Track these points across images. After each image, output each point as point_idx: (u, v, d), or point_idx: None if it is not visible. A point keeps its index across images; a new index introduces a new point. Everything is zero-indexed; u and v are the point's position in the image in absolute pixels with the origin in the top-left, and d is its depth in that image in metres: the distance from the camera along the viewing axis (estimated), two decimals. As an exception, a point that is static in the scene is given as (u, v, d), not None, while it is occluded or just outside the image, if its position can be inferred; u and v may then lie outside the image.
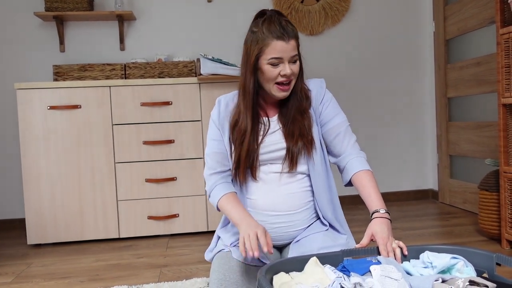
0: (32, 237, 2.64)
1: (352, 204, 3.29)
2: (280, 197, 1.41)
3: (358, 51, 3.46)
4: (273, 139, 1.42)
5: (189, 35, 3.29)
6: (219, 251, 1.44)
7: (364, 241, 1.25)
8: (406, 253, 1.19)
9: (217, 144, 1.46)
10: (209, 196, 1.46)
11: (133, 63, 2.88)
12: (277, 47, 1.32)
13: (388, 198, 3.44)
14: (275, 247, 1.45)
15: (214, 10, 3.30)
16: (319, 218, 1.47)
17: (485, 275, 1.11)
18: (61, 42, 3.14)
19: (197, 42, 3.28)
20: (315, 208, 1.46)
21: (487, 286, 0.95)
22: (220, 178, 1.45)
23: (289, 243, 1.45)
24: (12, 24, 3.13)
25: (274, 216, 1.41)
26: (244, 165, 1.40)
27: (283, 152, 1.41)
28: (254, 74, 1.38)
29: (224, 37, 3.28)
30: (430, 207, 3.26)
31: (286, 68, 1.33)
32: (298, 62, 1.38)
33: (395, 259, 1.17)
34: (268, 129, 1.43)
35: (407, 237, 2.49)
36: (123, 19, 3.16)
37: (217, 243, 1.50)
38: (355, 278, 1.02)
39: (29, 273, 2.18)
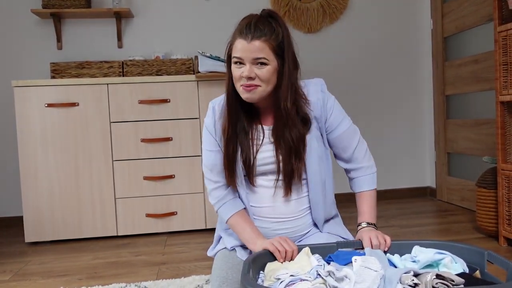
0: (30, 235, 2.64)
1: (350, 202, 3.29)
2: (283, 203, 1.37)
3: (356, 48, 3.45)
4: (267, 152, 1.35)
5: (187, 33, 3.28)
6: (223, 249, 1.42)
7: None
8: (386, 248, 1.23)
9: (214, 155, 1.38)
10: (217, 212, 1.41)
11: (130, 60, 2.87)
12: (238, 46, 1.25)
13: (386, 195, 3.45)
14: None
15: (212, 8, 3.29)
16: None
17: (477, 273, 1.11)
18: (59, 39, 3.13)
19: (195, 40, 3.27)
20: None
21: (453, 281, 0.96)
22: (226, 194, 1.38)
23: None
24: (9, 22, 3.12)
25: (277, 223, 1.38)
26: (232, 172, 1.34)
27: (273, 167, 1.35)
28: (229, 71, 1.32)
29: (222, 35, 3.23)
30: (428, 205, 3.27)
31: (245, 69, 1.23)
32: (268, 68, 1.25)
33: (379, 247, 1.22)
34: (263, 139, 1.35)
35: (405, 234, 2.50)
36: (120, 17, 3.15)
37: (219, 241, 1.49)
38: (329, 266, 1.06)
39: (27, 271, 2.18)
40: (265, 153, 1.35)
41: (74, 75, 2.81)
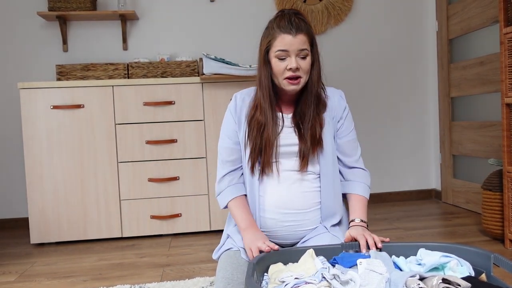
0: (35, 236, 2.65)
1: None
2: (292, 195, 1.42)
3: (361, 50, 3.45)
4: (287, 135, 1.44)
5: (192, 35, 3.29)
6: (227, 250, 1.43)
7: None
8: (380, 245, 1.26)
9: (231, 139, 1.49)
10: (218, 195, 1.49)
11: (135, 62, 2.88)
12: (283, 40, 1.35)
13: (391, 198, 3.44)
14: (283, 246, 1.45)
15: (216, 10, 3.30)
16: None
17: (483, 276, 1.10)
18: (64, 41, 3.15)
19: (200, 42, 3.28)
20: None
21: (459, 285, 0.95)
22: (232, 179, 1.48)
23: (297, 243, 1.46)
24: (15, 24, 3.14)
25: (285, 214, 1.41)
26: (265, 157, 1.41)
27: (295, 148, 1.43)
28: (266, 66, 1.41)
29: (227, 37, 3.28)
30: (433, 207, 3.25)
31: (292, 62, 1.35)
32: (308, 59, 1.38)
33: (376, 245, 1.25)
34: (283, 125, 1.44)
35: (410, 237, 2.49)
36: (125, 19, 3.16)
37: (225, 241, 1.50)
38: (334, 269, 1.07)
39: (32, 272, 2.19)
40: (285, 135, 1.44)
41: (80, 77, 2.82)
